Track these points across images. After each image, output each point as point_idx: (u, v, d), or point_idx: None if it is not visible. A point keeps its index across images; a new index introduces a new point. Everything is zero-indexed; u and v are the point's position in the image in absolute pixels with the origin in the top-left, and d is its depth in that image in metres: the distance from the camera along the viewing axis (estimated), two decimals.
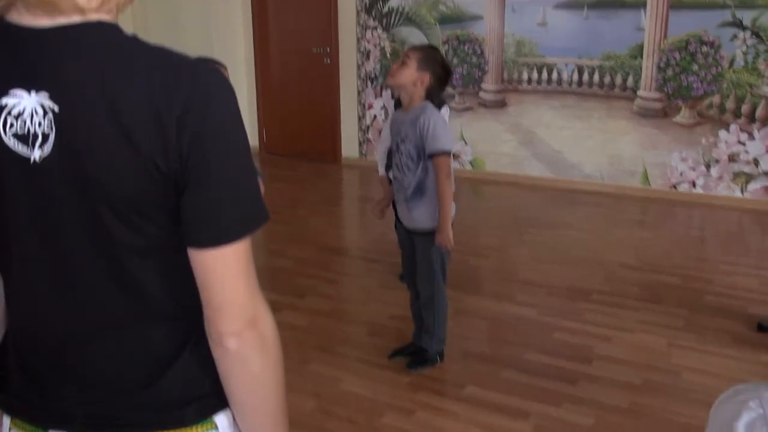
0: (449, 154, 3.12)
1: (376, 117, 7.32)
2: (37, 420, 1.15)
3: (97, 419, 1.13)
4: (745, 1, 5.62)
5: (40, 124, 0.97)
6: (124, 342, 1.11)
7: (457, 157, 6.88)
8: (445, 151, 3.09)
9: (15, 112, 0.98)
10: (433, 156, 3.08)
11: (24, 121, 0.98)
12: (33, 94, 0.97)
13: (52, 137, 0.98)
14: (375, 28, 7.14)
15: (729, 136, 5.91)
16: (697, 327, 3.77)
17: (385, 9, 7.03)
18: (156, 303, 1.11)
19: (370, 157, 7.21)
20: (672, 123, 6.09)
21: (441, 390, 3.23)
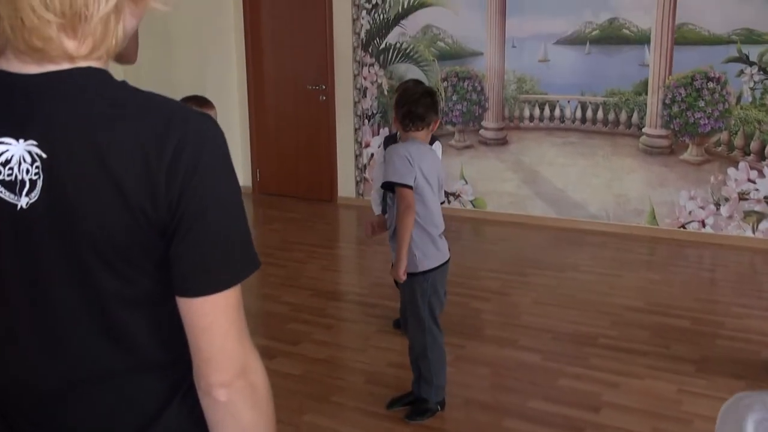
0: (406, 187, 3.07)
1: (373, 155, 7.22)
2: None
3: None
4: (751, 36, 5.56)
5: (27, 171, 0.98)
6: (112, 394, 1.09)
7: (457, 196, 6.83)
8: (397, 183, 3.07)
9: (2, 159, 0.99)
10: (390, 188, 3.10)
11: (11, 168, 0.99)
12: (21, 141, 0.98)
13: (40, 184, 0.98)
14: (372, 64, 7.09)
15: (738, 174, 5.81)
16: (709, 372, 3.66)
17: (382, 45, 6.99)
18: (144, 353, 1.09)
19: (367, 196, 7.08)
20: (679, 160, 6.01)
21: None
